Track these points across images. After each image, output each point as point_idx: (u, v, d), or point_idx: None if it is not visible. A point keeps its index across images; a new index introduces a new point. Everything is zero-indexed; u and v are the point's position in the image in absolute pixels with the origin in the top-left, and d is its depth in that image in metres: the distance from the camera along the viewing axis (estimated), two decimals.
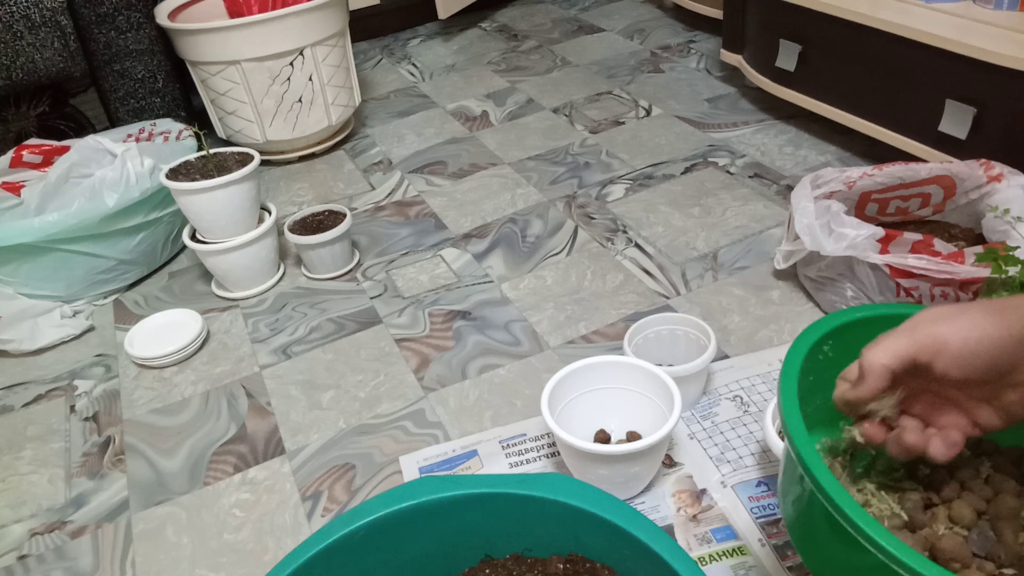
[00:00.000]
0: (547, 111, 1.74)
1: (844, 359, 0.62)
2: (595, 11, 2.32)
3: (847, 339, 0.64)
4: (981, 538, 0.56)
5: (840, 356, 0.64)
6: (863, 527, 0.49)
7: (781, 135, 1.51)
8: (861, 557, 0.49)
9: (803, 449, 0.54)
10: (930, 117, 1.19)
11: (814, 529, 0.56)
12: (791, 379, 0.59)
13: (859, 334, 0.63)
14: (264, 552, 0.85)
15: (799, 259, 1.06)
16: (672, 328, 0.96)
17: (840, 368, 0.59)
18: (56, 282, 1.22)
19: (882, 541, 0.48)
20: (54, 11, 1.44)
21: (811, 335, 0.63)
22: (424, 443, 0.95)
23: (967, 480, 0.61)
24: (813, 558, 0.59)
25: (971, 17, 1.17)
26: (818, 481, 0.52)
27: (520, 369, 1.04)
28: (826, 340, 0.64)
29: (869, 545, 0.48)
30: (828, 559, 0.56)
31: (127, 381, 1.12)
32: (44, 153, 1.36)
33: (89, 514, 0.92)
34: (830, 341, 0.64)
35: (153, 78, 1.64)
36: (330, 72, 1.59)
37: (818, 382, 0.64)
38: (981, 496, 0.60)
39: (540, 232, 1.32)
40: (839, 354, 0.64)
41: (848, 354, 0.63)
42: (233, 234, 1.20)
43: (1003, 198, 1.01)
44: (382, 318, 1.17)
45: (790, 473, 0.60)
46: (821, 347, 0.64)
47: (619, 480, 0.80)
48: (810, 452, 0.54)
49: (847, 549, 0.51)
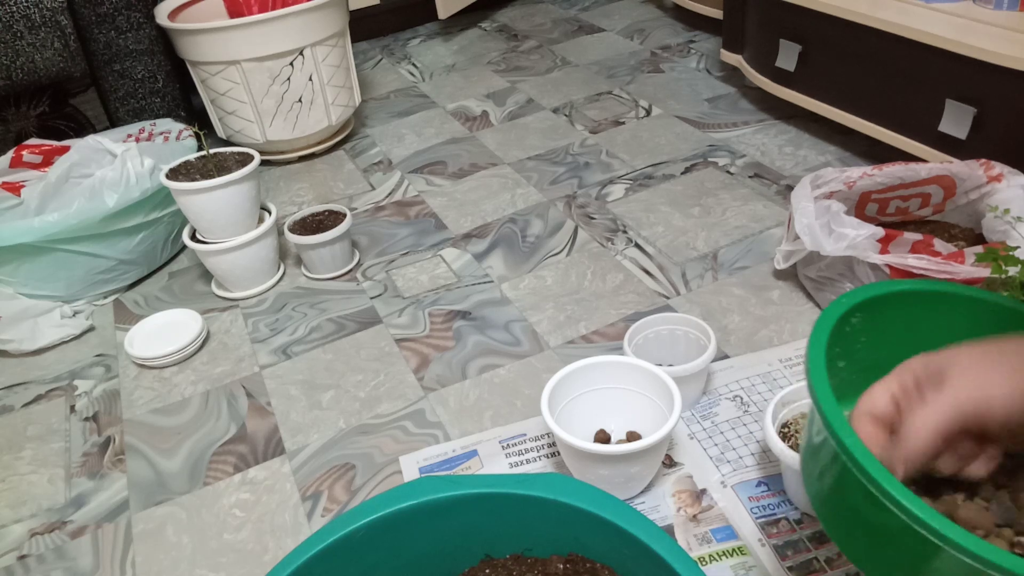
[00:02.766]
0: (547, 111, 1.74)
1: (872, 331, 0.62)
2: (595, 11, 2.32)
3: (876, 312, 0.64)
4: (1002, 508, 0.56)
5: (868, 327, 0.64)
6: (892, 492, 0.47)
7: (781, 135, 1.51)
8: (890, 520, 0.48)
9: (833, 419, 0.52)
10: (930, 117, 1.19)
11: (844, 497, 0.55)
12: (819, 350, 0.58)
13: (889, 307, 0.64)
14: (264, 552, 0.85)
15: (799, 259, 1.06)
16: (672, 328, 0.96)
17: (868, 339, 0.59)
18: (56, 282, 1.22)
19: (912, 506, 0.47)
20: (54, 11, 1.44)
21: (840, 306, 0.62)
22: (424, 443, 0.95)
23: None
24: (839, 527, 0.58)
25: (971, 17, 1.17)
26: (847, 447, 0.50)
27: (520, 369, 1.04)
28: (855, 312, 0.63)
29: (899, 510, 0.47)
30: (857, 526, 0.55)
31: (127, 381, 1.12)
32: (44, 153, 1.36)
33: (89, 514, 0.92)
34: (859, 313, 0.63)
35: (153, 78, 1.64)
36: (330, 72, 1.59)
37: (844, 352, 0.63)
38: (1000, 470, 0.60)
39: (540, 232, 1.32)
40: (867, 326, 0.64)
41: (876, 327, 0.63)
42: (233, 234, 1.20)
43: (1003, 198, 1.01)
44: (382, 318, 1.17)
45: (816, 445, 0.59)
46: (849, 319, 0.63)
47: (619, 480, 0.80)
48: (840, 422, 0.52)
49: (878, 513, 0.49)
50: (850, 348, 0.64)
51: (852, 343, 0.64)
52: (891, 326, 0.65)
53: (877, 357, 0.66)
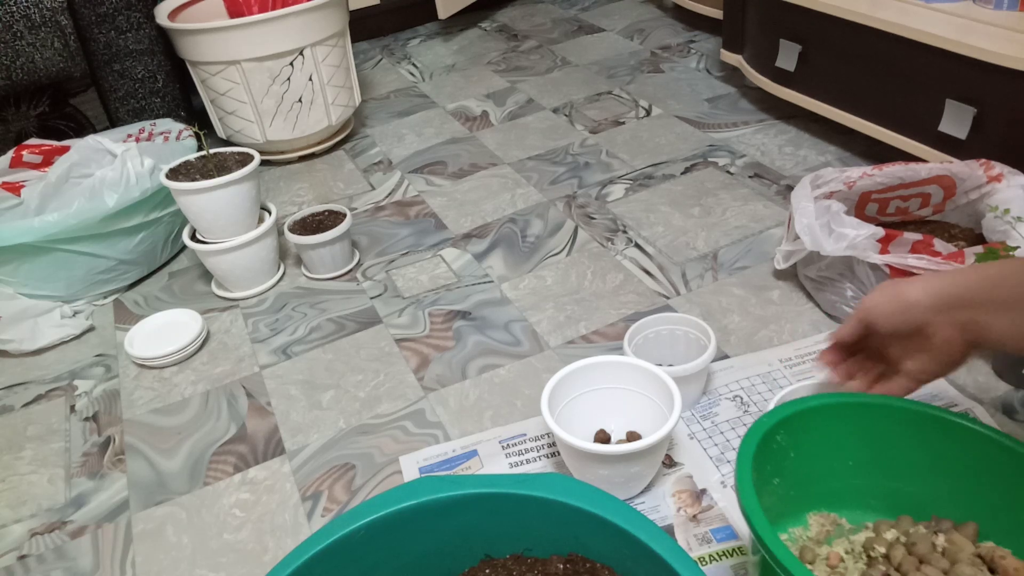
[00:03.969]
0: (547, 111, 1.75)
1: (799, 445, 0.67)
2: (595, 11, 2.32)
3: (798, 428, 0.67)
4: None
5: (794, 443, 0.67)
6: None
7: (781, 135, 1.51)
8: None
9: (766, 536, 0.54)
10: (930, 117, 1.19)
11: None
12: (746, 469, 0.60)
13: (810, 421, 0.67)
14: (264, 552, 0.85)
15: (799, 259, 1.06)
16: (672, 328, 0.96)
17: (796, 454, 0.66)
18: (56, 282, 1.22)
19: None
20: (54, 11, 1.44)
21: (762, 426, 0.64)
22: (424, 443, 0.95)
23: (925, 554, 0.63)
24: None
25: (971, 17, 1.17)
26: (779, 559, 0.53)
27: (520, 369, 1.04)
28: (777, 430, 0.65)
29: None
30: None
31: (127, 381, 1.12)
32: (44, 153, 1.36)
33: (89, 514, 0.92)
34: (781, 431, 0.66)
35: (153, 78, 1.64)
36: (330, 72, 1.59)
37: (775, 470, 0.66)
38: (939, 568, 0.62)
39: (540, 232, 1.32)
40: (792, 442, 0.67)
41: (802, 442, 0.67)
42: (233, 234, 1.20)
43: (1003, 198, 1.01)
44: (382, 318, 1.17)
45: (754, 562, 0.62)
46: (774, 437, 0.65)
47: (619, 480, 0.80)
48: (772, 538, 0.54)
49: None
50: (780, 465, 0.66)
51: (782, 460, 0.66)
52: (815, 439, 0.68)
53: (809, 470, 0.69)
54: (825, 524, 0.70)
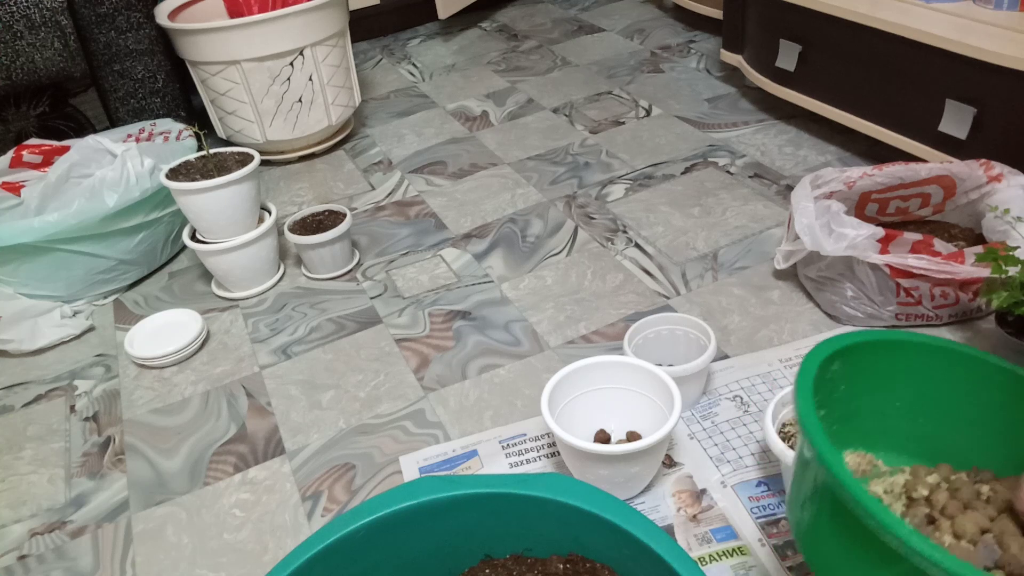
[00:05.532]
0: (547, 111, 1.74)
1: (851, 379, 0.65)
2: (595, 11, 2.32)
3: (852, 359, 0.65)
4: (988, 550, 0.57)
5: (848, 375, 0.65)
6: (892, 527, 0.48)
7: (781, 135, 1.51)
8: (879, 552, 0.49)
9: (822, 447, 0.53)
10: (930, 117, 1.19)
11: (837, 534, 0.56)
12: (807, 393, 0.59)
13: (867, 355, 0.65)
14: (264, 552, 0.85)
15: (799, 259, 1.06)
16: (672, 328, 0.96)
17: (846, 387, 0.64)
18: (56, 282, 1.22)
19: (911, 540, 0.47)
20: (54, 11, 1.44)
21: (822, 351, 0.63)
22: (424, 443, 0.95)
23: (969, 500, 0.62)
24: (823, 558, 0.59)
25: (971, 17, 1.17)
26: (843, 483, 0.51)
27: (520, 369, 1.04)
28: (835, 359, 0.64)
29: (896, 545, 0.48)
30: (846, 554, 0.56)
31: (127, 381, 1.12)
32: (44, 153, 1.36)
33: (89, 514, 0.92)
34: (839, 360, 0.65)
35: (153, 78, 1.64)
36: (330, 72, 1.59)
37: (824, 401, 0.64)
38: (986, 515, 0.60)
39: (540, 232, 1.32)
40: (847, 373, 0.65)
41: (855, 375, 0.65)
42: (233, 234, 1.20)
43: (1003, 198, 1.01)
44: (382, 318, 1.17)
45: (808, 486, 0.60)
46: (830, 365, 0.64)
47: (619, 480, 0.80)
48: (835, 459, 0.53)
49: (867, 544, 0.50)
50: (829, 396, 0.65)
51: (831, 391, 0.65)
52: (867, 375, 0.67)
53: (855, 406, 0.68)
54: (862, 463, 0.68)
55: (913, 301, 0.97)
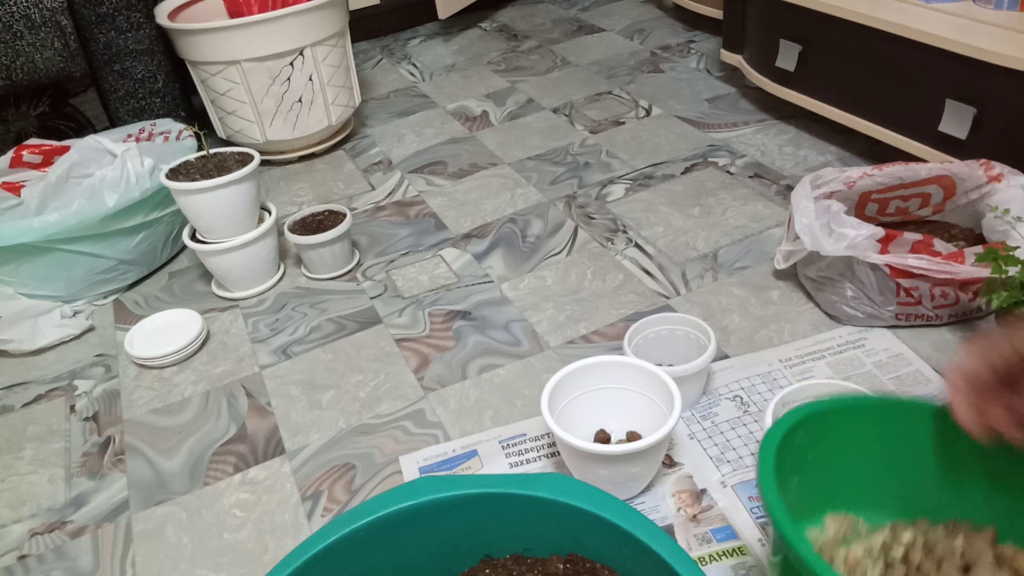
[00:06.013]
0: (547, 111, 1.74)
1: (819, 444, 0.66)
2: (595, 11, 2.32)
3: (816, 426, 0.66)
4: None
5: (814, 441, 0.66)
6: None
7: (781, 135, 1.51)
8: None
9: (789, 533, 0.54)
10: (930, 117, 1.19)
11: None
12: (768, 466, 0.60)
13: (832, 421, 0.66)
14: (264, 552, 0.85)
15: (799, 259, 1.06)
16: (672, 328, 0.96)
17: (813, 452, 0.64)
18: (56, 282, 1.22)
19: None
20: (54, 11, 1.44)
21: (785, 424, 0.64)
22: (424, 443, 0.95)
23: (944, 556, 0.63)
24: None
25: (971, 17, 1.17)
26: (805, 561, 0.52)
27: (520, 369, 1.04)
28: (799, 428, 0.65)
29: None
30: None
31: (127, 381, 1.12)
32: (44, 153, 1.36)
33: (89, 514, 0.92)
34: (802, 429, 0.65)
35: (153, 78, 1.64)
36: (330, 72, 1.59)
37: (795, 468, 0.65)
38: (958, 570, 0.62)
39: (540, 232, 1.32)
40: (813, 440, 0.66)
41: (822, 441, 0.66)
42: (233, 234, 1.20)
43: (1003, 198, 1.01)
44: (382, 318, 1.17)
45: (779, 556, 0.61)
46: (795, 435, 0.64)
47: (619, 480, 0.80)
48: (798, 537, 0.54)
49: None
50: (801, 463, 0.65)
51: (801, 459, 0.65)
52: (834, 440, 0.67)
53: (827, 471, 0.68)
54: (842, 525, 0.69)
55: (913, 301, 0.97)
